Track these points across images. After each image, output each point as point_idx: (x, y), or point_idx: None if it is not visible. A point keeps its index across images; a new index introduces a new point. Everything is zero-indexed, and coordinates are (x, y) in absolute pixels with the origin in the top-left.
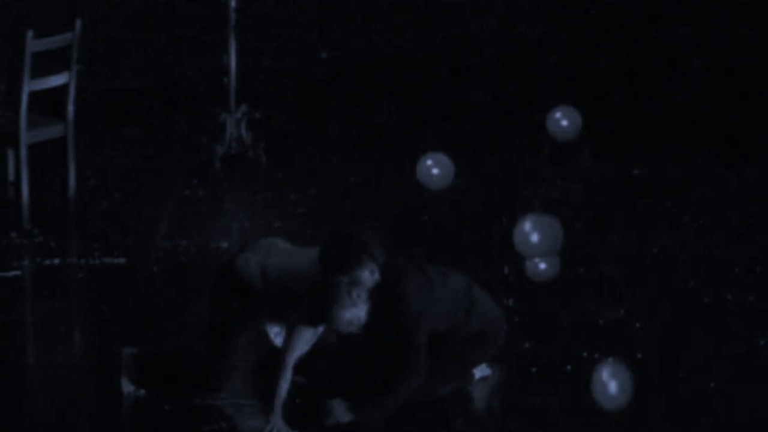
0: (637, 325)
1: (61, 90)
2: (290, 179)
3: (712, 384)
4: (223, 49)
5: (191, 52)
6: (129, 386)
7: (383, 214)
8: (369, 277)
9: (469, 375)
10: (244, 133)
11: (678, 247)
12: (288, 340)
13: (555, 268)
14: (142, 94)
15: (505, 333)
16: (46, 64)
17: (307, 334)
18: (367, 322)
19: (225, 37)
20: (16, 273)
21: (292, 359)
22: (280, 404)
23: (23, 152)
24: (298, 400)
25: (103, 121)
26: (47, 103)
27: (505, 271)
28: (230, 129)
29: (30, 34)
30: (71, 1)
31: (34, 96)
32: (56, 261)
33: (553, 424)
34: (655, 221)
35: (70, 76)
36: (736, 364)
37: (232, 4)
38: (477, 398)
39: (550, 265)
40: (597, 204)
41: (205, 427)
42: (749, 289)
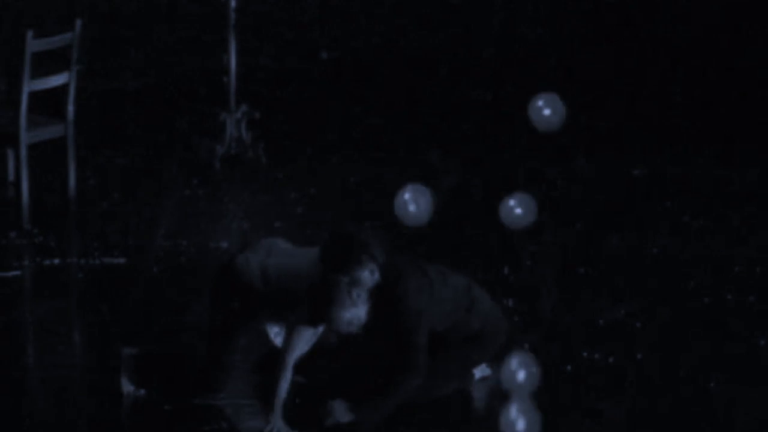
0: (637, 325)
1: (61, 90)
2: (290, 179)
3: (712, 384)
4: (223, 49)
5: (191, 52)
6: (129, 386)
7: (383, 214)
8: (369, 277)
9: (469, 375)
10: (244, 133)
11: (678, 247)
12: (287, 340)
13: (531, 214)
14: (142, 94)
15: (506, 333)
16: (46, 64)
17: (306, 334)
18: (367, 322)
19: (225, 37)
20: (16, 273)
21: (291, 359)
22: (280, 404)
23: (23, 152)
24: (298, 400)
25: (103, 121)
26: (47, 103)
27: (505, 271)
28: (230, 129)
29: (30, 34)
30: (71, 1)
31: (34, 96)
32: (56, 261)
33: (553, 424)
34: (655, 221)
35: (70, 76)
36: (736, 364)
37: (232, 4)
38: (477, 398)
39: (526, 211)
40: (597, 204)
41: (206, 427)
42: (749, 289)
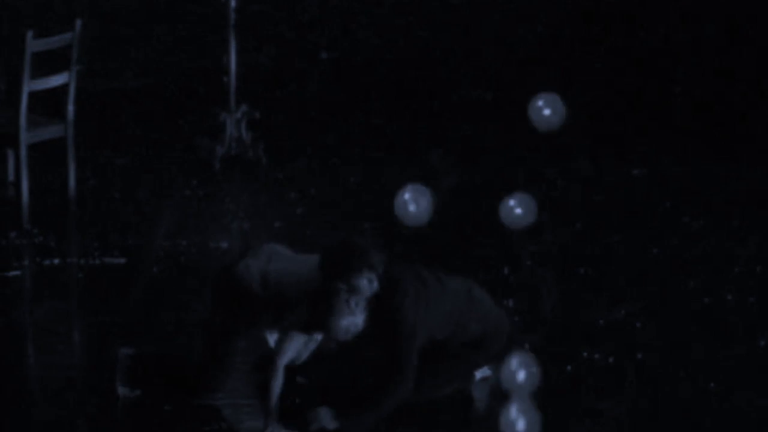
0: (637, 325)
1: (61, 90)
2: (290, 179)
3: (712, 384)
4: (223, 49)
5: (191, 52)
6: (124, 388)
7: (383, 214)
8: (367, 285)
9: (469, 375)
10: (244, 133)
11: (678, 247)
12: (279, 344)
13: (531, 214)
14: (142, 94)
15: (507, 334)
16: (46, 64)
17: (299, 340)
18: (363, 331)
19: (225, 37)
20: (16, 273)
21: (282, 363)
22: (273, 406)
23: (23, 152)
24: (298, 400)
25: (103, 121)
26: (47, 103)
27: (505, 271)
28: (230, 129)
29: (30, 34)
30: (71, 1)
31: (34, 96)
32: (56, 261)
33: (553, 424)
34: (655, 221)
35: (70, 76)
36: (736, 364)
37: (232, 4)
38: (477, 398)
39: (526, 211)
40: (597, 204)
41: (206, 428)
42: (749, 289)
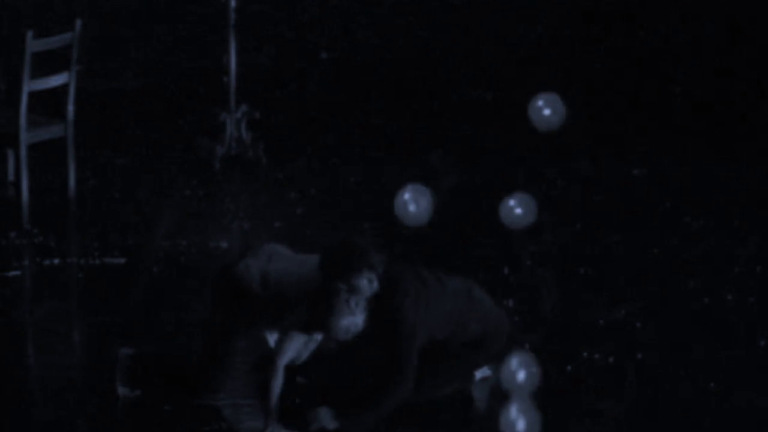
0: (637, 325)
1: (61, 90)
2: (290, 179)
3: (712, 384)
4: (223, 49)
5: (191, 52)
6: (123, 388)
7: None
8: (367, 286)
9: (469, 375)
10: (244, 133)
11: (678, 247)
12: (279, 344)
13: (531, 214)
14: (142, 94)
15: (507, 334)
16: (46, 64)
17: (299, 339)
18: (363, 330)
19: (225, 37)
20: (16, 273)
21: (282, 363)
22: (273, 406)
23: (23, 152)
24: (298, 400)
25: (103, 121)
26: (47, 103)
27: (505, 271)
28: (230, 129)
29: (30, 34)
30: (71, 1)
31: (34, 96)
32: (56, 261)
33: (553, 424)
34: (655, 221)
35: (70, 76)
36: (736, 364)
37: (232, 4)
38: (477, 398)
39: (526, 211)
40: (597, 204)
41: (205, 428)
42: (749, 289)
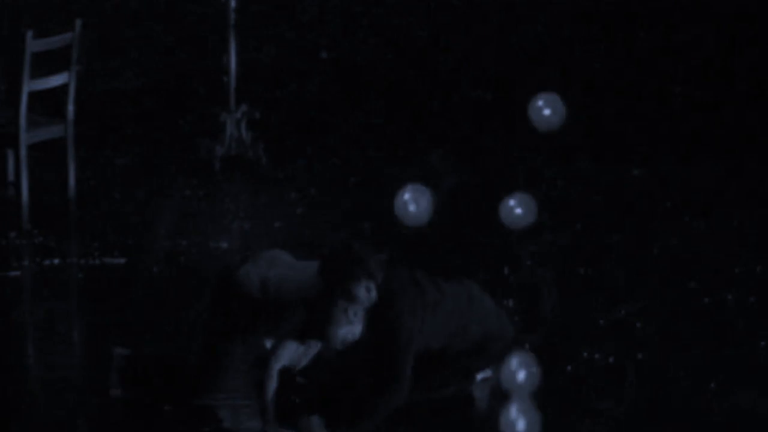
0: (637, 325)
1: (61, 90)
2: (290, 179)
3: (712, 384)
4: (223, 49)
5: (191, 52)
6: (116, 389)
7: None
8: (365, 294)
9: (470, 376)
10: (244, 133)
11: (678, 247)
12: (274, 350)
13: (531, 214)
14: (142, 94)
15: (509, 338)
16: (46, 64)
17: (293, 346)
18: (360, 338)
19: (225, 37)
20: (16, 273)
21: (276, 367)
22: (269, 407)
23: (23, 152)
24: (298, 400)
25: (103, 121)
26: (47, 103)
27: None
28: (230, 129)
29: (30, 34)
30: (71, 1)
31: (34, 96)
32: (56, 261)
33: (553, 424)
34: (655, 221)
35: (70, 76)
36: (736, 364)
37: (232, 4)
38: (477, 398)
39: (526, 211)
40: (597, 204)
41: (205, 428)
42: (749, 289)
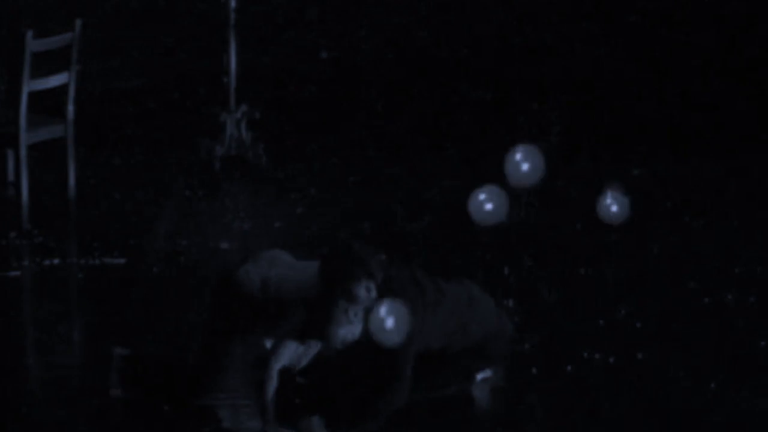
0: (637, 325)
1: (61, 90)
2: (290, 179)
3: (712, 384)
4: (223, 49)
5: (191, 52)
6: (117, 389)
7: (382, 215)
8: (365, 294)
9: (470, 376)
10: (244, 133)
11: (678, 247)
12: (274, 350)
13: (625, 210)
14: (142, 94)
15: (508, 337)
16: (46, 64)
17: (293, 346)
18: (360, 339)
19: (225, 37)
20: (16, 273)
21: (276, 367)
22: (268, 407)
23: (23, 152)
24: (298, 400)
25: (103, 121)
26: (47, 103)
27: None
28: (230, 129)
29: (30, 34)
30: (71, 1)
31: (34, 96)
32: (56, 261)
33: (553, 423)
34: (655, 221)
35: (70, 76)
36: (736, 364)
37: (232, 4)
38: (477, 398)
39: (621, 207)
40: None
41: (205, 428)
42: (749, 289)
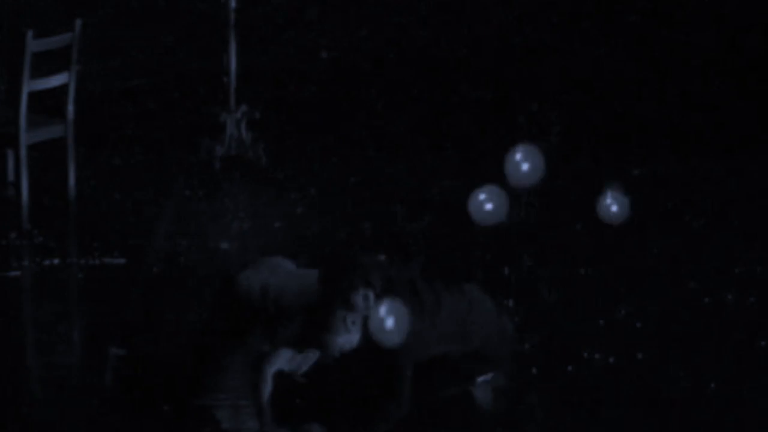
0: (637, 325)
1: (61, 90)
2: (290, 179)
3: (712, 384)
4: (223, 49)
5: (191, 52)
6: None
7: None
8: (364, 303)
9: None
10: (244, 133)
11: (678, 246)
12: (269, 356)
13: (625, 210)
14: (142, 94)
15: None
16: (46, 64)
17: (287, 354)
18: (359, 346)
19: (225, 37)
20: (16, 273)
21: (270, 371)
22: (265, 410)
23: (23, 152)
24: (299, 400)
25: (103, 121)
26: (47, 103)
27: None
28: (230, 129)
29: (30, 34)
30: (71, 1)
31: (34, 96)
32: (56, 261)
33: (553, 423)
34: (656, 221)
35: (70, 76)
36: (736, 364)
37: (232, 4)
38: (477, 398)
39: (621, 207)
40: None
41: (206, 428)
42: (749, 289)
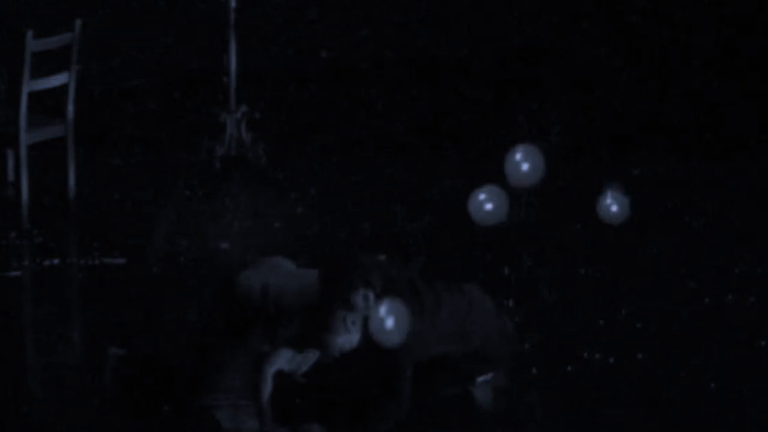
0: (637, 325)
1: (61, 90)
2: (290, 179)
3: (712, 384)
4: (223, 49)
5: (191, 52)
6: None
7: (382, 215)
8: (364, 303)
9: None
10: (244, 133)
11: (678, 247)
12: (269, 356)
13: (625, 210)
14: (142, 94)
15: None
16: (46, 64)
17: (287, 354)
18: (359, 347)
19: (225, 37)
20: (16, 273)
21: (270, 372)
22: (265, 410)
23: (23, 152)
24: (299, 400)
25: (103, 121)
26: (47, 103)
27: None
28: (230, 129)
29: (30, 34)
30: (71, 1)
31: (34, 96)
32: (56, 261)
33: (552, 423)
34: (656, 221)
35: (70, 76)
36: (736, 364)
37: (232, 4)
38: (477, 398)
39: (621, 207)
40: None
41: (205, 428)
42: (749, 289)
